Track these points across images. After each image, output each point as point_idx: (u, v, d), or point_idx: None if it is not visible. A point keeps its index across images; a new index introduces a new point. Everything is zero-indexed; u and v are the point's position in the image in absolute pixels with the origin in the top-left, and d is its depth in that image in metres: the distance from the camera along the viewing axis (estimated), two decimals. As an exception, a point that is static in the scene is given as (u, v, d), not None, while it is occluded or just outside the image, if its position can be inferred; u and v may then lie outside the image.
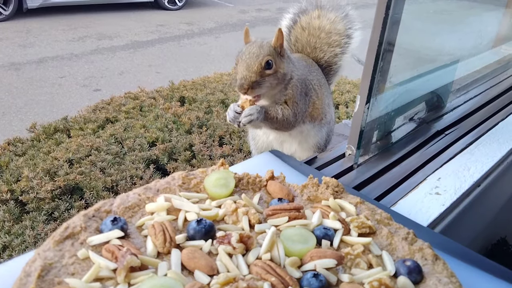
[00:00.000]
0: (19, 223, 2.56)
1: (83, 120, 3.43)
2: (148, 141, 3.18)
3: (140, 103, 3.69)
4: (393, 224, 0.80)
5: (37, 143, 3.26)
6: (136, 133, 3.25)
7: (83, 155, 3.00)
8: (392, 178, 1.08)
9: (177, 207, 0.76)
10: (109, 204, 0.75)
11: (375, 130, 1.22)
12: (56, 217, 2.58)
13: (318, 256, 0.68)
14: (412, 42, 1.67)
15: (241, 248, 0.68)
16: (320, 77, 1.54)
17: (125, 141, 3.15)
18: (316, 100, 1.49)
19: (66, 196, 2.70)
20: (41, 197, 2.65)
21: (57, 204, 2.64)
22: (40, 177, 2.76)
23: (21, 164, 2.94)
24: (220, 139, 3.33)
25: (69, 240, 0.67)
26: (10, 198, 2.67)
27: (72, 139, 3.21)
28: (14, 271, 0.62)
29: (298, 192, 0.86)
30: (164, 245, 0.67)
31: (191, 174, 0.85)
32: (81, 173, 2.82)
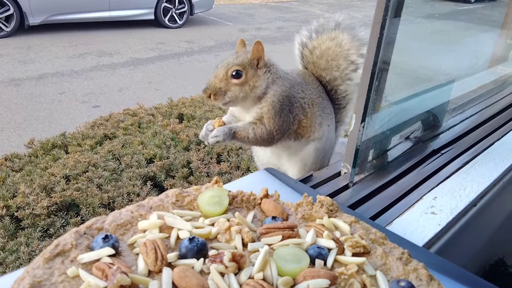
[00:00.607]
0: (14, 239, 2.53)
1: (81, 136, 3.43)
2: (146, 157, 3.18)
3: (138, 120, 3.70)
4: (388, 244, 0.80)
5: (34, 158, 3.26)
6: (134, 149, 3.25)
7: (80, 171, 2.99)
8: (388, 197, 1.08)
9: (170, 224, 0.75)
10: (101, 221, 0.74)
11: (371, 148, 1.22)
12: (51, 234, 2.56)
13: (311, 276, 0.67)
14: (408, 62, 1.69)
15: (234, 267, 0.67)
16: (315, 96, 1.53)
17: (122, 158, 3.14)
18: (303, 119, 1.48)
19: (62, 213, 2.68)
20: (37, 213, 2.63)
21: (53, 220, 2.62)
22: (37, 193, 2.75)
23: (17, 180, 2.93)
24: (218, 156, 3.33)
25: (59, 258, 0.66)
26: (5, 214, 2.65)
27: (70, 155, 3.20)
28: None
29: (292, 211, 0.85)
30: (156, 263, 0.67)
31: (185, 192, 0.85)
32: (78, 189, 2.80)
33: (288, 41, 8.92)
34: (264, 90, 1.39)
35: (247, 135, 1.39)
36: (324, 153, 1.55)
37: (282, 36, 9.54)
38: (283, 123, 1.42)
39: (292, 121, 1.45)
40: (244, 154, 3.36)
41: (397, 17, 1.16)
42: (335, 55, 1.59)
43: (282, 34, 9.68)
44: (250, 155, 3.28)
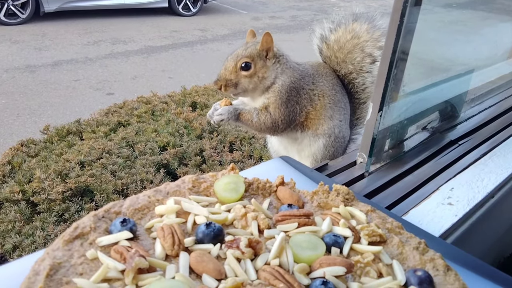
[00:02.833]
0: (30, 223, 2.58)
1: (95, 123, 3.46)
2: (159, 145, 3.20)
3: (152, 108, 3.72)
4: (404, 233, 0.79)
5: (49, 144, 3.30)
6: (148, 137, 3.27)
7: (95, 157, 3.02)
8: (404, 187, 1.07)
9: (187, 210, 0.76)
10: (119, 205, 0.75)
11: (387, 138, 1.21)
12: (66, 219, 2.60)
13: (327, 263, 0.67)
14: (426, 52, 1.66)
15: (250, 253, 0.67)
16: (327, 88, 1.51)
17: (136, 145, 3.17)
18: (312, 110, 1.47)
19: (77, 198, 2.72)
20: (52, 198, 2.67)
21: (68, 205, 2.66)
22: (52, 178, 2.79)
23: (33, 165, 2.97)
24: (231, 145, 3.34)
25: (79, 240, 0.67)
26: (21, 199, 2.70)
27: (84, 141, 3.24)
28: (23, 270, 0.63)
29: (308, 199, 0.85)
30: (173, 247, 0.67)
31: (201, 178, 0.85)
32: (92, 175, 2.84)
33: (303, 30, 8.85)
34: (273, 81, 1.40)
35: (251, 119, 1.41)
36: (334, 149, 1.53)
37: (297, 25, 9.46)
38: (289, 113, 1.42)
39: (299, 112, 1.44)
40: (257, 143, 3.36)
41: (417, 6, 1.14)
42: (353, 48, 1.58)
43: (297, 23, 9.60)
44: (263, 144, 3.27)
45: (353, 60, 1.57)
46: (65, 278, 0.60)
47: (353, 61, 1.57)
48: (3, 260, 2.65)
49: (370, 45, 1.56)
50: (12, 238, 2.48)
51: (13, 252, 2.45)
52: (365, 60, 1.58)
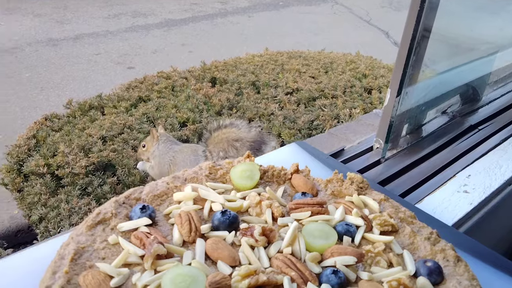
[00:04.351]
0: (55, 196, 2.67)
1: (116, 98, 3.51)
2: (179, 121, 3.23)
3: (172, 83, 3.74)
4: (417, 223, 0.80)
5: (72, 119, 3.37)
6: (168, 112, 3.30)
7: (116, 132, 3.08)
8: (420, 174, 1.07)
9: (204, 197, 0.78)
10: (138, 191, 0.78)
11: (405, 123, 1.20)
12: (89, 192, 2.68)
13: (338, 253, 0.69)
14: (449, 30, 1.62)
15: (263, 241, 0.70)
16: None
17: (156, 121, 3.21)
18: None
19: (99, 172, 2.79)
20: (76, 172, 2.75)
21: (91, 179, 2.73)
22: (75, 153, 2.86)
23: (57, 140, 3.04)
24: (250, 121, 3.35)
25: (101, 226, 0.70)
26: (46, 172, 2.78)
27: (106, 116, 3.29)
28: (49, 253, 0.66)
29: (322, 187, 0.87)
30: (190, 234, 0.70)
31: (218, 165, 0.87)
32: (114, 150, 2.90)
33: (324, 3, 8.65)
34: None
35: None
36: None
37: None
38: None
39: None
40: (276, 120, 3.36)
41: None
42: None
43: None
44: (282, 121, 3.28)
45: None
46: (88, 262, 0.64)
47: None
48: (30, 230, 2.77)
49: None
50: (38, 210, 2.57)
51: (39, 224, 2.55)
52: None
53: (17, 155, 2.95)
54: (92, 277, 0.60)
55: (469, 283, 0.68)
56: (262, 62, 4.29)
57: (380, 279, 0.67)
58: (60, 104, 4.14)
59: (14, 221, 3.10)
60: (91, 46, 5.80)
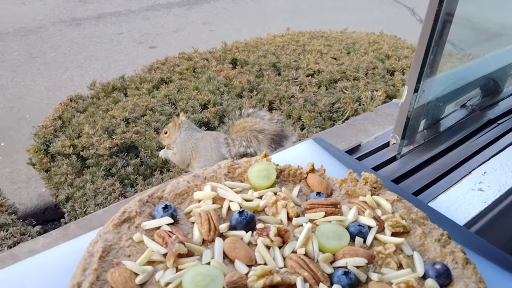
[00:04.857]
0: (80, 176, 2.76)
1: (139, 80, 3.56)
2: (200, 103, 3.27)
3: (193, 64, 3.77)
4: (428, 224, 0.83)
5: (96, 100, 3.44)
6: (189, 94, 3.34)
7: (139, 114, 3.14)
8: (435, 171, 1.08)
9: (222, 196, 0.82)
10: (161, 190, 0.82)
11: (423, 118, 1.21)
12: (113, 173, 2.76)
13: (350, 254, 0.73)
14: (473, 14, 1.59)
15: (278, 241, 0.74)
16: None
17: (178, 103, 3.25)
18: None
19: (123, 154, 2.86)
20: (100, 154, 2.82)
21: (115, 161, 2.81)
22: (99, 134, 2.94)
23: (82, 121, 3.12)
24: (270, 104, 3.36)
25: (126, 224, 0.75)
26: (72, 153, 2.87)
27: (129, 98, 3.35)
28: (79, 249, 0.72)
29: (337, 186, 0.90)
30: (209, 233, 0.74)
31: (236, 164, 0.91)
32: (137, 132, 2.96)
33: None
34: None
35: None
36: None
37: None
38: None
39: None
40: (296, 102, 3.36)
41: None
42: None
43: None
44: (302, 104, 3.28)
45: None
46: (115, 260, 0.69)
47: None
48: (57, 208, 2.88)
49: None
50: (65, 190, 2.67)
51: (66, 203, 2.65)
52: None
53: (44, 136, 3.04)
54: (119, 274, 0.65)
55: (476, 286, 0.71)
56: (283, 42, 4.26)
57: (389, 281, 0.70)
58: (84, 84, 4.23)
59: (41, 199, 3.23)
60: (114, 26, 5.84)
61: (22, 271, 0.71)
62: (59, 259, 0.73)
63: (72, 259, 0.71)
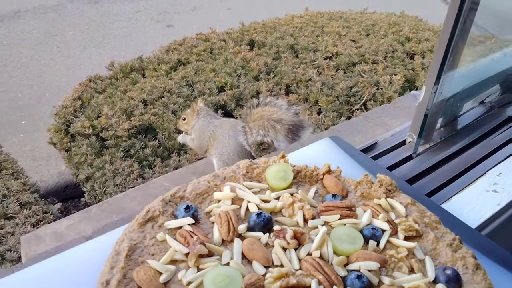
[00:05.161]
0: (100, 157, 2.82)
1: (156, 61, 3.58)
2: (217, 85, 3.29)
3: (210, 46, 3.77)
4: (441, 228, 0.85)
5: (115, 81, 3.48)
6: (206, 76, 3.36)
7: (157, 96, 3.17)
8: (450, 171, 1.09)
9: (241, 196, 0.85)
10: (182, 190, 0.86)
11: (440, 116, 1.21)
12: (132, 155, 2.82)
13: (363, 258, 0.75)
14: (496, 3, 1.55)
15: (295, 243, 0.77)
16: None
17: (195, 85, 3.28)
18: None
19: (141, 135, 2.92)
20: (119, 135, 2.88)
21: (133, 142, 2.87)
22: (118, 115, 2.99)
23: (101, 101, 3.18)
24: (287, 87, 3.36)
25: (150, 223, 0.79)
26: (91, 133, 2.93)
27: (147, 79, 3.39)
28: (107, 245, 0.76)
29: (352, 188, 0.92)
30: (228, 234, 0.78)
31: (254, 164, 0.93)
32: (155, 114, 3.01)
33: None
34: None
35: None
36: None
37: None
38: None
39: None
40: (313, 86, 3.36)
41: None
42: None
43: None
44: (320, 87, 3.27)
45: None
46: (140, 258, 0.73)
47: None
48: (77, 187, 2.96)
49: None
50: (85, 170, 2.75)
51: (86, 182, 2.73)
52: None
53: (64, 116, 3.11)
54: (144, 273, 0.69)
55: (485, 292, 0.73)
56: (302, 23, 4.22)
57: (400, 285, 0.73)
58: (102, 62, 4.27)
59: (62, 177, 3.32)
60: (131, 4, 5.84)
61: (51, 267, 0.76)
62: (86, 255, 0.78)
63: (99, 255, 0.75)
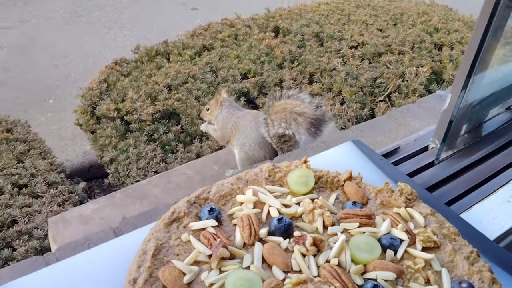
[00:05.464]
0: (124, 140, 2.89)
1: (181, 45, 3.61)
2: (241, 72, 3.29)
3: (235, 31, 3.77)
4: (459, 240, 0.86)
5: (140, 64, 3.53)
6: (230, 63, 3.37)
7: (181, 81, 3.21)
8: (473, 178, 1.09)
9: (263, 200, 0.88)
10: (207, 191, 0.89)
11: (465, 122, 1.20)
12: (155, 139, 2.87)
13: (380, 267, 0.77)
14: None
15: (314, 250, 0.79)
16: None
17: (219, 71, 3.29)
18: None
19: (165, 120, 2.96)
20: (143, 119, 2.93)
21: (157, 126, 2.91)
22: (143, 99, 3.04)
23: (126, 85, 3.23)
24: (311, 76, 3.35)
25: (175, 223, 0.82)
26: (116, 116, 2.99)
27: (171, 64, 3.42)
28: (134, 243, 0.80)
29: (372, 196, 0.93)
30: (250, 238, 0.80)
31: (277, 168, 0.95)
32: (179, 99, 3.04)
33: None
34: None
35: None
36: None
37: None
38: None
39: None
40: (337, 76, 3.33)
41: None
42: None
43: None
44: (344, 77, 3.25)
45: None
46: (165, 258, 0.77)
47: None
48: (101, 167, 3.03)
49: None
50: (109, 152, 2.81)
51: (110, 165, 2.80)
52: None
53: (90, 98, 3.17)
54: (169, 273, 0.73)
55: (500, 307, 0.75)
56: (328, 11, 4.17)
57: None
58: (127, 44, 4.32)
59: (87, 157, 3.40)
60: (156, -15, 5.85)
61: (81, 263, 0.80)
62: (114, 252, 0.82)
63: (126, 253, 0.79)
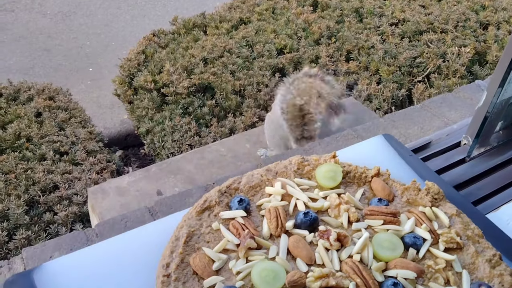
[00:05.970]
0: (160, 112, 2.96)
1: (219, 18, 3.61)
2: (277, 47, 3.28)
3: (273, 5, 3.72)
4: (482, 243, 0.87)
5: (177, 36, 3.56)
6: (266, 38, 3.35)
7: (217, 55, 3.22)
8: (503, 178, 1.08)
9: (290, 193, 0.91)
10: (237, 182, 0.93)
11: (501, 119, 1.18)
12: (190, 112, 2.93)
13: (401, 266, 0.80)
14: None
15: (337, 245, 0.82)
16: None
17: (255, 46, 3.29)
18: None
19: (200, 94, 3.01)
20: (179, 92, 2.99)
21: (192, 100, 2.97)
22: (179, 72, 3.08)
23: (163, 57, 3.28)
24: (348, 53, 3.30)
25: (207, 212, 0.87)
26: (153, 88, 3.06)
27: (208, 37, 3.43)
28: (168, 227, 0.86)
29: (399, 193, 0.95)
30: (276, 229, 0.84)
31: (306, 161, 0.98)
32: (214, 73, 3.07)
33: None
34: None
35: None
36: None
37: None
38: None
39: None
40: (375, 54, 3.27)
41: None
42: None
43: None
44: (382, 56, 3.18)
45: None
46: (196, 245, 0.82)
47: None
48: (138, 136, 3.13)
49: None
50: (146, 123, 2.90)
51: (146, 135, 2.89)
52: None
53: (128, 69, 3.25)
54: (199, 260, 0.78)
55: (518, 312, 0.77)
56: (370, -15, 4.03)
57: (434, 296, 0.78)
58: (165, 14, 4.35)
59: (124, 126, 3.52)
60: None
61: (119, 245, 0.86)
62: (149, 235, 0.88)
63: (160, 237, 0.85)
